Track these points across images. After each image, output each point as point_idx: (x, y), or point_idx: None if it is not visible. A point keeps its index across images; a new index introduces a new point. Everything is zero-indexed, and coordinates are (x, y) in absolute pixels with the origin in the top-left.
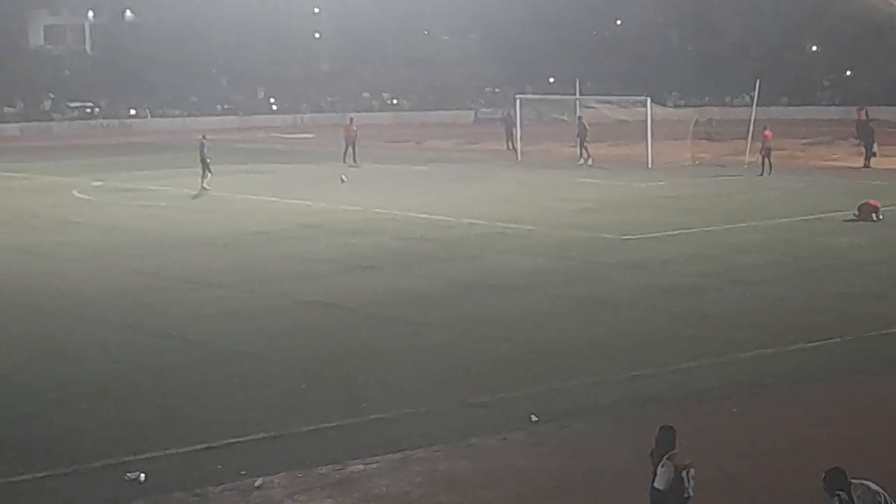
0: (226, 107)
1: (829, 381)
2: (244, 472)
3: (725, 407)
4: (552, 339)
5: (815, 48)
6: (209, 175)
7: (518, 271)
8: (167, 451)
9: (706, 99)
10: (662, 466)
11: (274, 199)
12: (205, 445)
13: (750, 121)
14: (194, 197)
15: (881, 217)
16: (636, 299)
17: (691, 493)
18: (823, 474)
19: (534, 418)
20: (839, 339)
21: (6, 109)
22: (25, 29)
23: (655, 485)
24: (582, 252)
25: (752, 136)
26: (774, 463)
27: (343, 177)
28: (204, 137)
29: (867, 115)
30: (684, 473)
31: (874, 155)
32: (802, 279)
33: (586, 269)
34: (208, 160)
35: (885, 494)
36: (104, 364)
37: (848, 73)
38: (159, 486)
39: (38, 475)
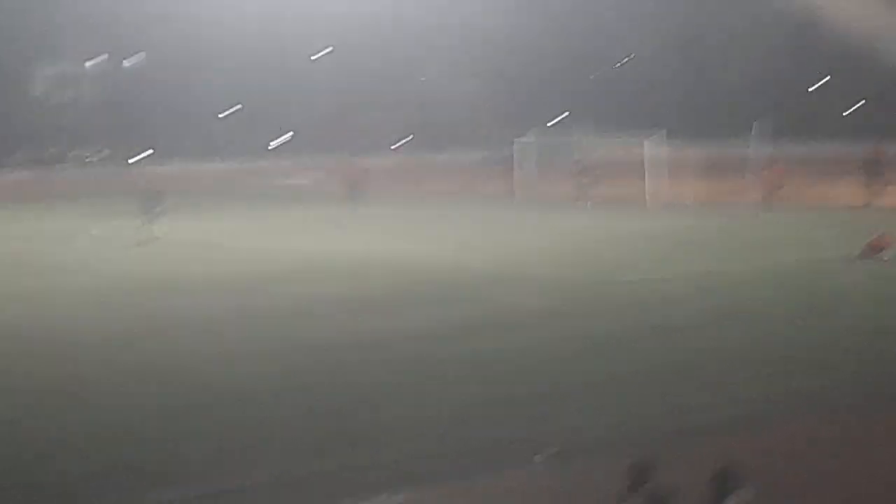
0: (227, 151)
1: (836, 414)
2: None
3: (726, 444)
4: (555, 378)
5: (822, 83)
6: (157, 225)
7: (521, 311)
8: (172, 496)
9: (708, 137)
10: None
11: (275, 241)
12: (212, 489)
13: (753, 158)
14: (140, 245)
15: (886, 258)
16: (639, 337)
17: None
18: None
19: (537, 458)
20: (841, 376)
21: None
22: (27, 78)
23: None
24: (584, 291)
25: (755, 173)
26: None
27: (344, 219)
28: (153, 187)
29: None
30: None
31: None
32: (808, 317)
33: (589, 308)
34: (157, 209)
35: None
36: (104, 408)
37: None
38: None
39: None
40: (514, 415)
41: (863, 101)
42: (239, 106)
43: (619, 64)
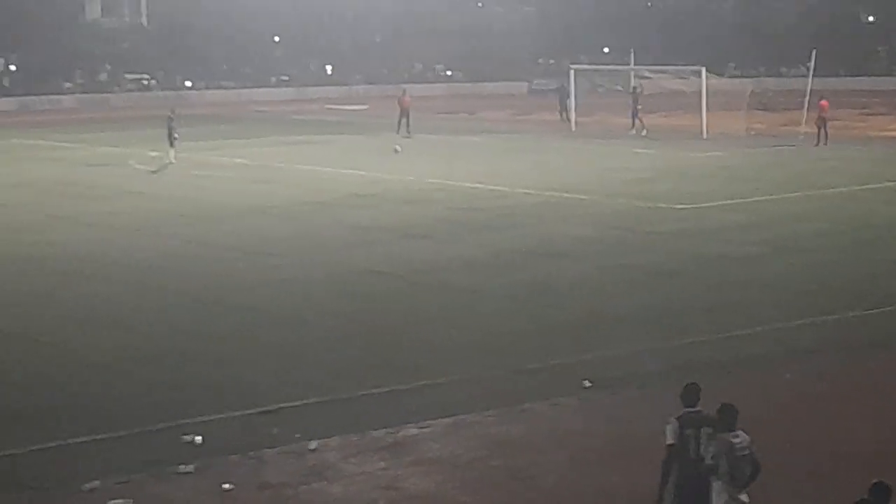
0: (281, 78)
1: (885, 349)
2: (299, 436)
3: (778, 374)
4: (605, 306)
5: (871, 18)
6: (173, 151)
7: (571, 240)
8: (223, 415)
9: (761, 69)
10: (668, 424)
11: (328, 169)
12: (259, 409)
13: (806, 91)
14: (156, 171)
15: None
16: (689, 268)
17: (709, 460)
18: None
19: (587, 384)
20: (894, 308)
21: (65, 84)
22: (82, 2)
23: (666, 442)
24: (635, 221)
25: (808, 106)
26: (830, 430)
27: (397, 147)
28: (172, 112)
29: None
30: (692, 431)
31: None
32: (858, 248)
33: (640, 238)
34: (175, 135)
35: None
36: (157, 330)
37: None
38: (216, 449)
39: (95, 437)
40: (563, 342)
41: None
42: (291, 33)
43: None
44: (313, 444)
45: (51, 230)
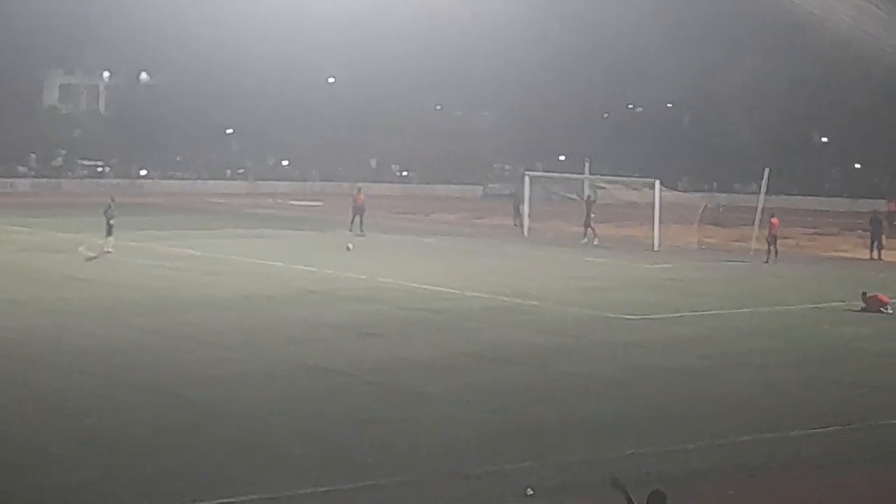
0: (238, 171)
1: (826, 469)
2: None
3: (722, 489)
4: (550, 414)
5: (824, 139)
6: (111, 239)
7: (521, 345)
8: None
9: (715, 185)
10: None
11: (281, 264)
12: None
13: (758, 208)
14: (91, 259)
15: (890, 311)
16: (636, 378)
17: None
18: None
19: (529, 492)
20: (839, 428)
21: (19, 168)
22: (40, 88)
23: None
24: (585, 329)
25: (760, 223)
26: None
27: (349, 245)
28: (112, 200)
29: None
30: None
31: (882, 247)
32: (805, 366)
33: (588, 347)
34: (111, 223)
35: None
36: (104, 419)
37: (857, 165)
38: None
39: None
40: (508, 448)
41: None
42: (249, 126)
43: (631, 106)
44: None
45: (5, 315)
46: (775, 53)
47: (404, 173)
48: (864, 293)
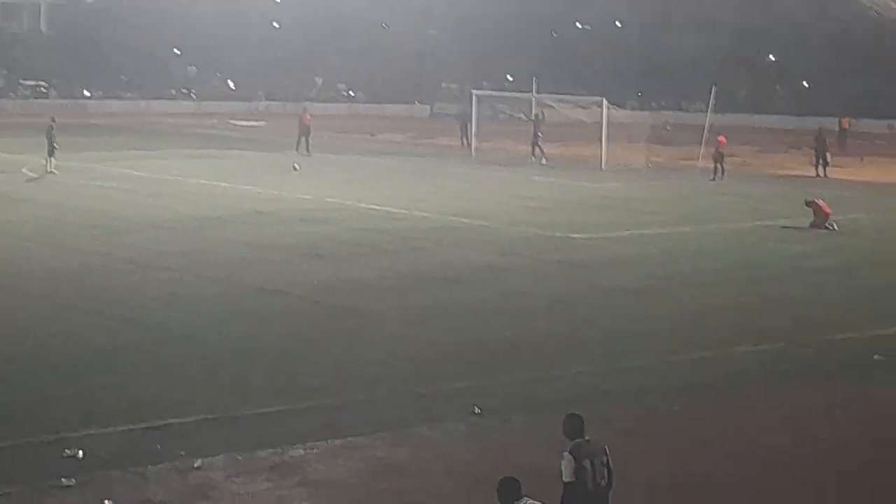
0: (182, 90)
1: (773, 385)
2: (183, 453)
3: (666, 406)
4: (498, 333)
5: (772, 57)
6: (53, 160)
7: (468, 266)
8: (106, 429)
9: (662, 103)
10: (563, 459)
11: (226, 184)
12: (145, 425)
13: (704, 126)
14: (33, 180)
15: (836, 227)
16: (584, 298)
17: (604, 481)
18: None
19: (476, 410)
20: (784, 344)
21: None
22: None
23: (563, 479)
24: (533, 249)
25: (706, 141)
26: (709, 464)
27: (296, 165)
28: (53, 121)
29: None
30: (588, 462)
31: (827, 165)
32: (751, 284)
33: (536, 266)
34: (55, 145)
35: None
36: (45, 341)
37: (804, 83)
38: (98, 464)
39: None
40: (456, 367)
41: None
42: (194, 45)
43: (580, 25)
44: (198, 462)
45: None
46: None
47: (351, 93)
48: (805, 200)
